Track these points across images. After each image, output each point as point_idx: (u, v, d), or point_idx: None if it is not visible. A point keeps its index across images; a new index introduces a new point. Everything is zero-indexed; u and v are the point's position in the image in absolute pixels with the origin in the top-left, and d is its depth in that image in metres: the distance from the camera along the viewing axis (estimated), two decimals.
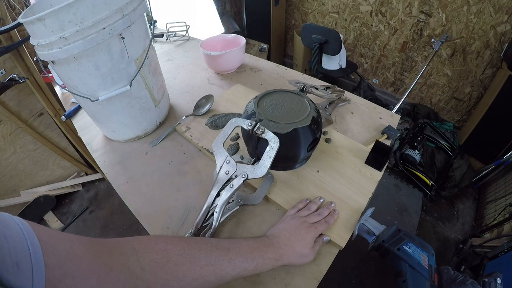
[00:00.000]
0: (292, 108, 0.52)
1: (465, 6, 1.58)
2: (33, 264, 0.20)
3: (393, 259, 0.43)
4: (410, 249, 0.43)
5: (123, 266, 0.29)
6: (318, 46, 1.86)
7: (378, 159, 0.56)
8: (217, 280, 0.35)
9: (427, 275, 0.40)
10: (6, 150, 1.29)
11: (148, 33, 0.62)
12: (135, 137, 0.69)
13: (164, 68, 0.96)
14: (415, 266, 0.41)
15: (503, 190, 1.38)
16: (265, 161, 0.43)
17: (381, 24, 2.00)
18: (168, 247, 0.34)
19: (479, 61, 1.69)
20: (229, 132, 0.47)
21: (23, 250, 0.20)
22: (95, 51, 0.50)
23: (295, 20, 2.57)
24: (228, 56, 0.86)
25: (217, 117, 0.69)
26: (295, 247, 0.42)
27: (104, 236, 1.46)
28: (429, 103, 2.09)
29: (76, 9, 0.44)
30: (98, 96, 0.56)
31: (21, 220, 0.23)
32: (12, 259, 0.19)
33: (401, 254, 0.42)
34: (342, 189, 0.53)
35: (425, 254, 0.42)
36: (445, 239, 1.38)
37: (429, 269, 0.41)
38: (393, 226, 0.46)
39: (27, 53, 1.12)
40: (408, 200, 1.56)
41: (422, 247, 0.43)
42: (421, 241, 0.44)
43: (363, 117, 0.73)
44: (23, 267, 0.20)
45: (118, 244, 0.31)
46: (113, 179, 0.61)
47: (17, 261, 0.20)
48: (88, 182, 1.72)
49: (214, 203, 0.45)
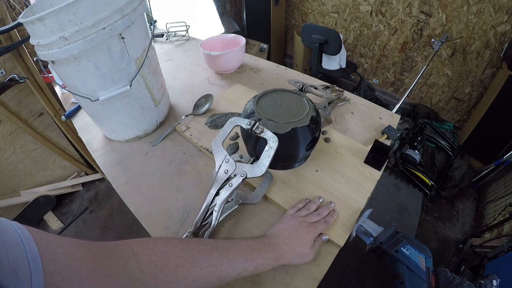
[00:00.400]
0: (291, 108, 0.52)
1: (465, 6, 1.58)
2: (31, 271, 0.20)
3: (390, 261, 0.43)
4: (408, 251, 0.43)
5: (122, 269, 0.29)
6: (318, 46, 1.86)
7: (377, 159, 0.56)
8: (217, 281, 0.35)
9: (424, 277, 0.40)
10: (6, 150, 1.29)
11: (148, 33, 0.62)
12: (135, 137, 0.69)
13: (164, 68, 0.96)
14: (413, 268, 0.41)
15: (503, 190, 1.38)
16: (264, 160, 0.43)
17: (381, 24, 2.00)
18: (168, 249, 0.34)
19: (479, 61, 1.69)
20: (228, 131, 0.47)
21: (22, 256, 0.20)
22: (95, 51, 0.50)
23: (295, 20, 2.58)
24: (228, 56, 0.86)
25: (217, 116, 0.69)
26: (294, 246, 0.42)
27: (104, 236, 1.46)
28: (429, 103, 2.09)
29: (76, 9, 0.44)
30: (98, 96, 0.56)
31: (19, 225, 0.22)
32: (10, 267, 0.19)
33: (399, 256, 0.43)
34: (341, 188, 0.53)
35: (422, 256, 0.42)
36: (445, 239, 1.38)
37: (427, 271, 0.41)
38: (391, 228, 0.46)
39: (27, 53, 1.12)
40: (408, 200, 1.56)
41: (420, 249, 0.43)
42: (419, 243, 0.44)
43: (363, 117, 0.73)
44: (21, 274, 0.20)
45: (117, 247, 0.31)
46: (113, 179, 0.61)
47: (15, 269, 0.19)
48: (88, 182, 1.72)
49: (213, 202, 0.45)
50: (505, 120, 1.45)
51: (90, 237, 1.47)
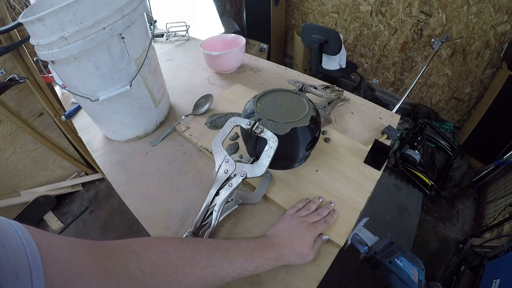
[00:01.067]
0: (291, 108, 0.52)
1: (465, 6, 1.58)
2: (32, 274, 0.20)
3: (383, 271, 0.43)
4: (402, 263, 0.43)
5: (123, 269, 0.29)
6: (318, 46, 1.86)
7: (377, 159, 0.56)
8: (218, 281, 0.35)
9: None
10: (6, 150, 1.29)
11: (148, 33, 0.62)
12: (135, 137, 0.69)
13: (164, 68, 0.96)
14: (405, 280, 0.41)
15: (503, 190, 1.38)
16: (264, 160, 0.43)
17: (381, 24, 2.00)
18: (169, 249, 0.34)
19: (479, 61, 1.69)
20: (228, 131, 0.47)
21: (22, 259, 0.20)
22: (95, 51, 0.50)
23: (295, 20, 2.58)
24: (228, 56, 0.86)
25: (217, 117, 0.69)
26: (295, 247, 0.42)
27: (104, 236, 1.46)
28: (429, 103, 2.09)
29: (76, 9, 0.44)
30: (98, 96, 0.56)
31: (19, 226, 0.22)
32: (11, 270, 0.19)
33: (392, 267, 0.43)
34: (341, 188, 0.53)
35: (415, 268, 0.43)
36: (445, 239, 1.38)
37: (419, 284, 0.41)
38: (387, 238, 0.46)
39: (27, 53, 1.12)
40: (408, 200, 1.56)
41: (413, 261, 0.43)
42: (413, 256, 0.44)
43: (363, 117, 0.73)
44: (22, 278, 0.19)
45: (118, 247, 0.31)
46: (113, 179, 0.61)
47: (16, 272, 0.19)
48: (88, 182, 1.72)
49: (213, 202, 0.45)
50: (505, 120, 1.45)
51: (90, 237, 1.47)
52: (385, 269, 0.43)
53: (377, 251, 0.45)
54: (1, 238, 0.20)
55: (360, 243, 0.47)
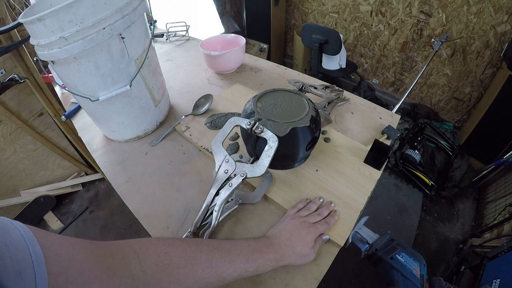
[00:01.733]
0: (291, 107, 0.52)
1: (465, 6, 1.58)
2: (35, 273, 0.20)
3: (385, 268, 0.44)
4: (403, 259, 0.43)
5: (125, 269, 0.29)
6: (318, 46, 1.86)
7: (377, 158, 0.56)
8: (218, 281, 0.35)
9: (419, 285, 0.41)
10: (6, 150, 1.29)
11: (148, 33, 0.62)
12: (135, 137, 0.69)
13: (164, 68, 0.97)
14: (408, 275, 0.41)
15: (503, 190, 1.38)
16: (264, 160, 0.43)
17: (381, 24, 2.00)
18: (170, 250, 0.34)
19: (479, 61, 1.69)
20: (228, 131, 0.47)
21: (26, 258, 0.20)
22: (95, 51, 0.50)
23: (295, 20, 2.58)
24: (228, 56, 0.86)
25: (216, 117, 0.69)
26: (295, 247, 0.42)
27: (104, 236, 1.46)
28: (429, 103, 2.09)
29: (76, 9, 0.44)
30: (98, 96, 0.56)
31: (22, 226, 0.22)
32: (14, 268, 0.19)
33: (394, 263, 0.43)
34: (341, 188, 0.53)
35: (417, 264, 0.43)
36: (445, 239, 1.38)
37: (421, 279, 0.41)
38: (387, 235, 0.46)
39: (27, 53, 1.12)
40: (408, 200, 1.56)
41: (415, 257, 0.44)
42: (413, 251, 0.45)
43: (363, 117, 0.73)
44: (25, 276, 0.20)
45: (120, 247, 0.31)
46: (113, 179, 0.61)
47: (19, 270, 0.19)
48: (88, 182, 1.72)
49: (213, 202, 0.45)
50: (505, 120, 1.45)
51: (90, 237, 1.47)
52: (387, 266, 0.43)
53: (378, 248, 0.45)
54: (4, 237, 0.20)
55: (361, 241, 0.47)
